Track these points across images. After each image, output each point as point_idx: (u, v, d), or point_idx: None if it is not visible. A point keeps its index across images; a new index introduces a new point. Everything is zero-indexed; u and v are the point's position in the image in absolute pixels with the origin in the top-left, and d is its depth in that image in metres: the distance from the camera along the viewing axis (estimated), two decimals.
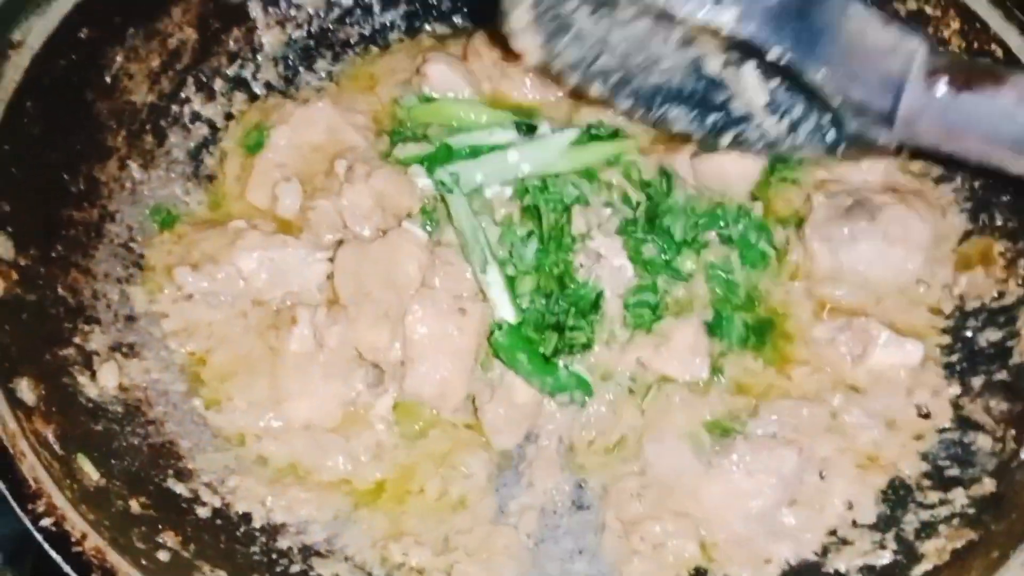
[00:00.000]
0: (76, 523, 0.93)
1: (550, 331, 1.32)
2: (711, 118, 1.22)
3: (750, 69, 1.11)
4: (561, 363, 1.31)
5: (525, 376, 1.29)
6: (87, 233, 1.31)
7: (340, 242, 1.42)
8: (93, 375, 1.21)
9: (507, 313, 1.32)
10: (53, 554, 0.90)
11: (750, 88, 1.13)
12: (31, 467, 0.95)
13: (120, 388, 1.23)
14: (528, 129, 1.53)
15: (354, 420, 1.28)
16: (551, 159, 1.47)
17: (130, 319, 1.31)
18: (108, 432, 1.16)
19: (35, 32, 1.28)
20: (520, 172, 1.46)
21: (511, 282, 1.35)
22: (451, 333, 1.29)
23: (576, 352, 1.32)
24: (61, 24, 1.30)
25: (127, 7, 1.40)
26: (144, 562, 0.97)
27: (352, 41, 1.69)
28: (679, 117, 1.24)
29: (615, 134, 1.56)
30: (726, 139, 1.23)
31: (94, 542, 0.92)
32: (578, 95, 1.60)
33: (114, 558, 0.92)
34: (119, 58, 1.40)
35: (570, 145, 1.49)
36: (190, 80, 1.51)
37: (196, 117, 1.51)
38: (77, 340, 1.22)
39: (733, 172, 1.46)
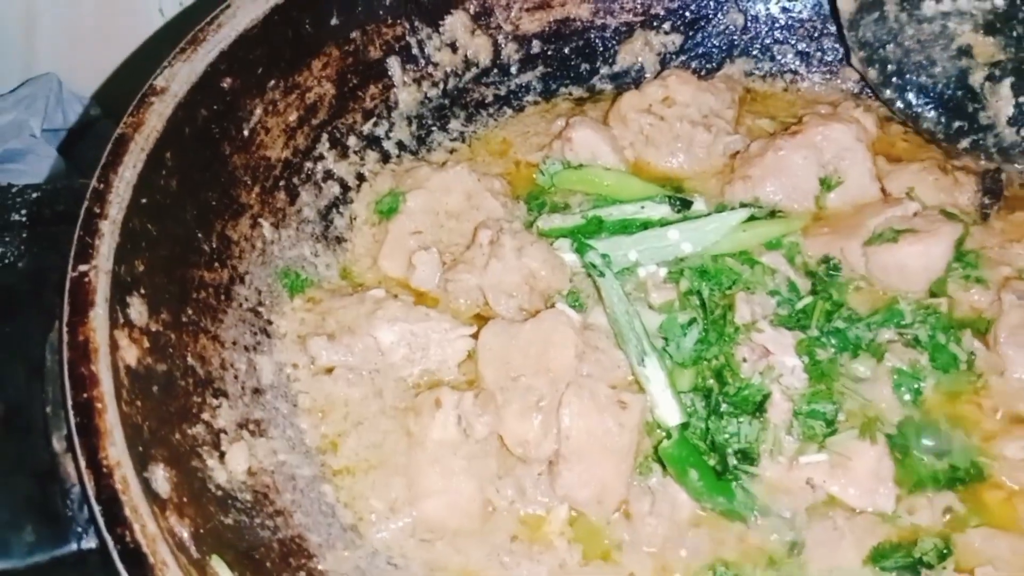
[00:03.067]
0: None
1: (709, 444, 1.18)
2: (957, 123, 1.47)
3: (1007, 84, 1.35)
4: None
5: (694, 494, 1.14)
6: (217, 296, 1.21)
7: (479, 317, 1.31)
8: (222, 457, 1.09)
9: (671, 413, 1.18)
10: None
11: (1003, 100, 1.31)
12: (163, 562, 0.82)
13: (249, 472, 1.10)
14: (683, 204, 1.41)
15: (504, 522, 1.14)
16: (714, 239, 1.35)
17: (257, 392, 1.20)
18: (238, 526, 1.04)
19: (179, 79, 1.19)
20: (679, 252, 1.34)
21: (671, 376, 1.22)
22: (610, 429, 1.16)
23: (743, 467, 1.17)
24: (206, 71, 1.22)
25: (270, 57, 1.32)
26: None
27: (487, 101, 1.61)
28: (930, 118, 1.48)
29: (773, 214, 1.44)
30: (964, 142, 1.46)
31: None
32: (729, 170, 1.50)
33: None
34: (258, 111, 1.31)
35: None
36: (324, 136, 1.42)
37: (328, 175, 1.42)
38: (206, 416, 1.10)
39: (914, 265, 1.33)
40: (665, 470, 1.16)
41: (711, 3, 1.68)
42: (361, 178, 1.46)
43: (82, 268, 1.00)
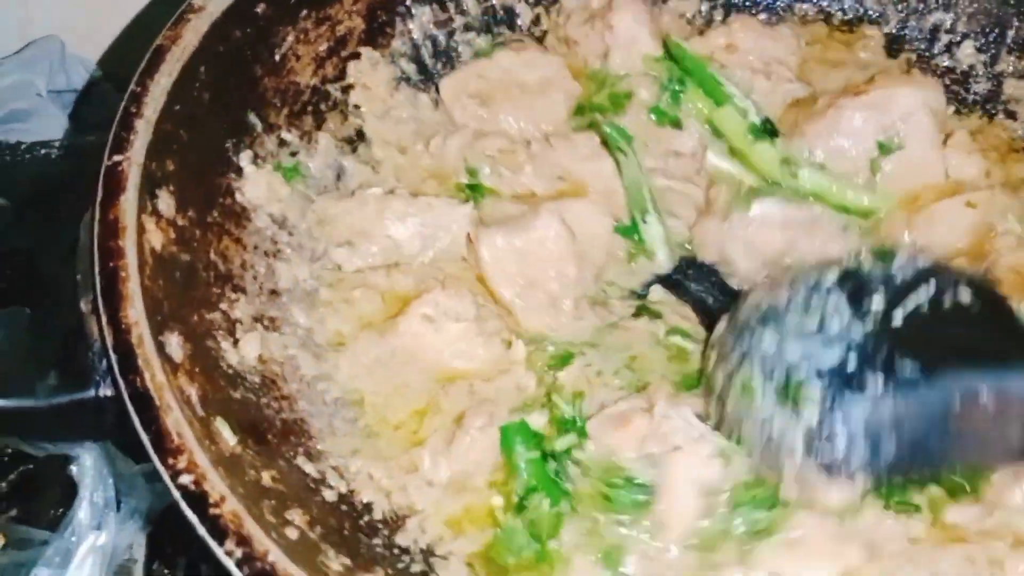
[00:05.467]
0: (216, 484, 0.90)
1: None
2: None
3: None
4: None
5: None
6: (242, 204, 1.31)
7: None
8: (236, 343, 1.18)
9: (663, 259, 1.33)
10: (189, 514, 0.87)
11: None
12: (176, 422, 0.92)
13: (260, 360, 1.20)
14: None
15: None
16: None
17: (274, 293, 1.29)
18: (245, 401, 1.13)
19: (215, 0, 1.29)
20: None
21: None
22: None
23: None
24: None
25: None
26: (273, 535, 0.93)
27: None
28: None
29: None
30: None
31: (232, 506, 0.88)
32: None
33: (251, 526, 0.87)
34: (290, 38, 1.41)
35: None
36: (352, 68, 1.51)
37: (357, 106, 1.51)
38: (223, 306, 1.20)
39: None
40: None
41: None
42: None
43: (116, 158, 1.10)
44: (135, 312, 0.99)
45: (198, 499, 0.88)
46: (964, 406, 0.94)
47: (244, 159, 1.33)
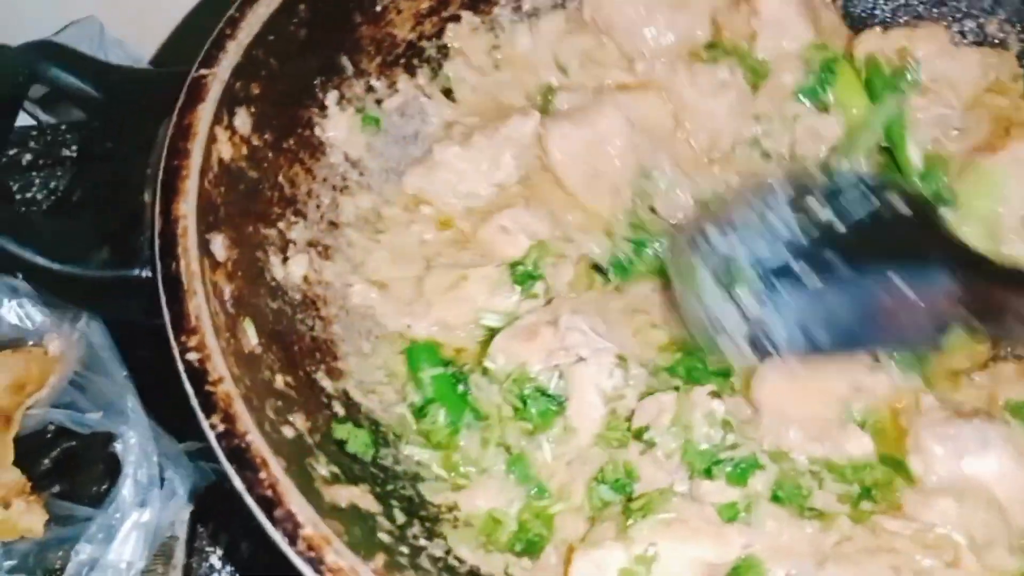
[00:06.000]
0: (219, 367, 0.97)
1: None
2: None
3: None
4: None
5: None
6: (320, 138, 1.39)
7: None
8: (285, 260, 1.27)
9: None
10: (187, 388, 0.94)
11: None
12: (197, 306, 1.00)
13: (305, 280, 1.28)
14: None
15: None
16: None
17: (333, 224, 1.37)
18: (280, 312, 1.21)
19: None
20: None
21: None
22: None
23: None
24: None
25: None
26: (267, 427, 1.00)
27: None
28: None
29: None
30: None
31: (227, 388, 0.95)
32: None
33: (239, 408, 0.94)
34: None
35: None
36: (451, 29, 1.57)
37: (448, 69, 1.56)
38: (281, 226, 1.29)
39: None
40: None
41: None
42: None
43: (203, 71, 1.20)
44: (186, 207, 1.08)
45: (198, 375, 0.95)
46: (888, 298, 1.09)
47: (330, 98, 1.41)
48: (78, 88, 1.26)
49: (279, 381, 1.12)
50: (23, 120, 1.74)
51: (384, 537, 1.05)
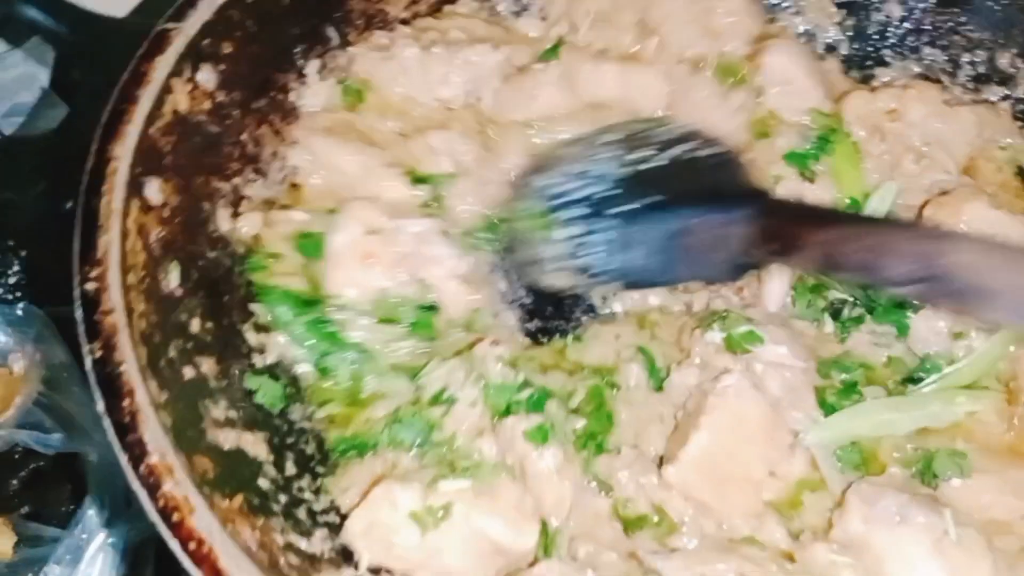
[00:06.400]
0: (114, 300, 1.00)
1: None
2: None
3: None
4: None
5: None
6: (293, 101, 1.43)
7: None
8: (236, 215, 1.30)
9: None
10: (77, 313, 0.98)
11: None
12: (108, 242, 1.04)
13: (254, 239, 1.31)
14: None
15: None
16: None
17: (295, 187, 1.40)
18: (217, 262, 1.25)
19: None
20: None
21: None
22: None
23: None
24: None
25: None
26: (161, 364, 1.03)
27: None
28: None
29: None
30: None
31: (115, 320, 0.98)
32: None
33: (124, 339, 0.97)
34: None
35: None
36: (447, 10, 1.58)
37: None
38: (236, 181, 1.32)
39: None
40: None
41: None
42: None
43: (169, 25, 1.24)
44: (122, 149, 1.13)
45: (91, 304, 0.99)
46: (696, 234, 1.20)
47: (311, 67, 1.45)
48: (52, 28, 1.33)
49: (195, 325, 1.15)
50: None
51: (263, 483, 1.07)
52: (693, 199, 1.22)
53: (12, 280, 1.50)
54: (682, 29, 1.49)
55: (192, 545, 0.85)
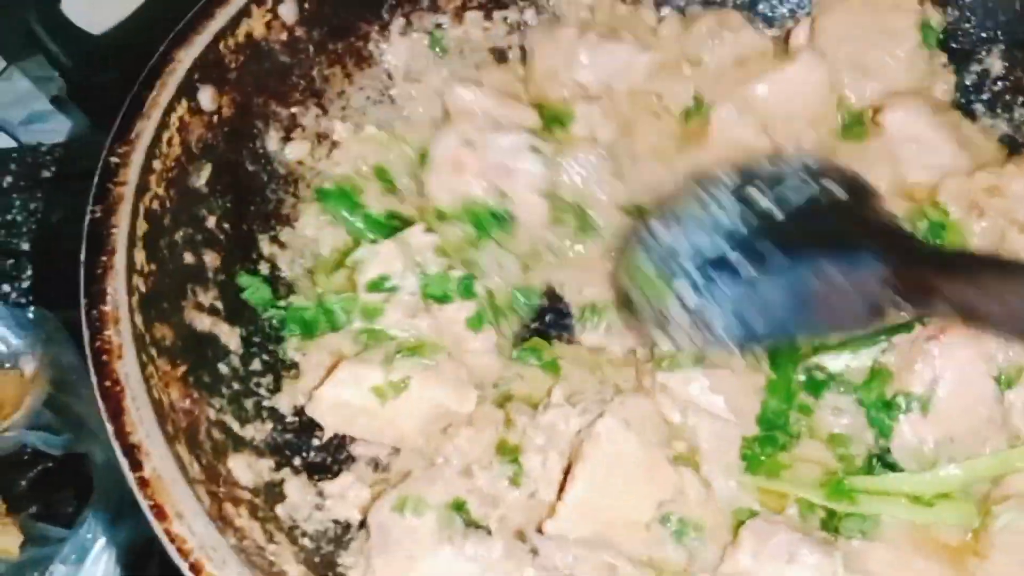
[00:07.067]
0: (133, 175, 1.12)
1: None
2: None
3: None
4: None
5: None
6: (371, 50, 1.52)
7: None
8: (286, 139, 1.41)
9: None
10: (95, 180, 1.11)
11: None
12: (143, 126, 1.15)
13: (298, 163, 1.42)
14: None
15: None
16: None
17: (358, 127, 1.49)
18: (254, 175, 1.36)
19: None
20: None
21: None
22: None
23: None
24: None
25: None
26: (161, 243, 1.14)
27: None
28: None
29: None
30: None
31: (125, 191, 1.09)
32: None
33: (126, 209, 1.07)
34: None
35: None
36: None
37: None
38: (295, 110, 1.43)
39: None
40: None
41: None
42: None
43: None
44: (185, 54, 1.26)
45: (110, 174, 1.12)
46: (820, 285, 1.12)
47: (396, 24, 1.54)
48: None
49: (212, 222, 1.27)
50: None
51: (223, 368, 1.17)
52: (815, 244, 1.14)
53: (24, 284, 1.62)
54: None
55: (107, 383, 0.95)
